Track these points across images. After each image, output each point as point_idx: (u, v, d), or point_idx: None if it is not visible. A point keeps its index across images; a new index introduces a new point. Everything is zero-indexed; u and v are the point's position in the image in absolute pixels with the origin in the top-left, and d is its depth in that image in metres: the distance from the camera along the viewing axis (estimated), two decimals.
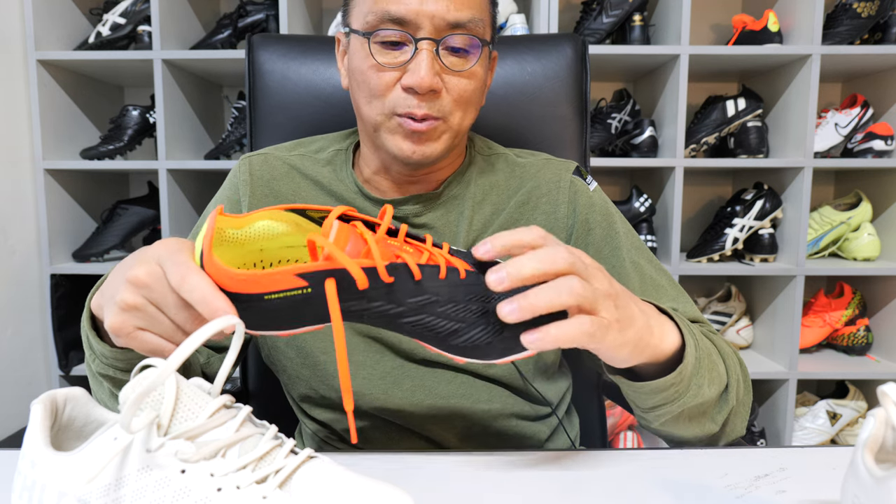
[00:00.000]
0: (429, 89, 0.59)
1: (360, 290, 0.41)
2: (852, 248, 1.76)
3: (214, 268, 0.41)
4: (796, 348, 1.64)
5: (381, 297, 0.42)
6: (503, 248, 0.44)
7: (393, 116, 0.62)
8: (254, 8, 1.70)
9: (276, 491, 0.36)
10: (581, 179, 0.72)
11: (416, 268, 0.43)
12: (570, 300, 0.43)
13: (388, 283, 0.42)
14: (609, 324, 0.45)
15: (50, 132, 1.64)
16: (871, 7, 1.60)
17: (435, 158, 0.64)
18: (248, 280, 0.41)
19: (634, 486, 0.47)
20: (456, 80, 0.62)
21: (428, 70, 0.59)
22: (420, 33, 0.60)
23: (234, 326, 0.39)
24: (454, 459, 0.52)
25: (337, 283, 0.41)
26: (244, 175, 0.72)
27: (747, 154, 1.66)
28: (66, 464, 0.35)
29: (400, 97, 0.61)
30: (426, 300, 0.43)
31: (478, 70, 0.63)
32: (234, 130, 1.73)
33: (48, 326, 1.67)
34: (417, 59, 0.59)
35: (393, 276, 0.42)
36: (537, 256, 0.43)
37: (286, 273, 0.41)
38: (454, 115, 0.63)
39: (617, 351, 0.47)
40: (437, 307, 0.43)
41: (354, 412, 0.70)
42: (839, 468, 0.50)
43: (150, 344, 0.43)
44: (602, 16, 1.63)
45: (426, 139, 0.62)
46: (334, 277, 0.41)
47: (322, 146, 0.75)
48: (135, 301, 0.42)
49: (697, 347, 0.54)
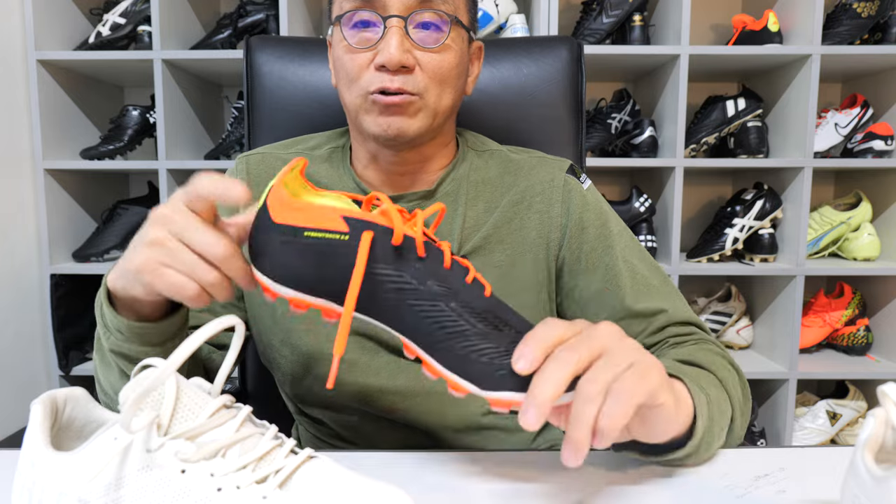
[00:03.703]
0: (399, 65, 0.60)
1: (395, 245, 0.42)
2: (852, 248, 1.76)
3: (275, 192, 0.44)
4: (796, 348, 1.64)
5: (407, 268, 0.43)
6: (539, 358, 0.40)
7: (368, 96, 0.63)
8: (254, 8, 1.70)
9: (276, 491, 0.36)
10: (575, 178, 0.72)
11: (448, 257, 0.43)
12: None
13: (420, 256, 0.43)
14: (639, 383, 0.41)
15: (50, 132, 1.64)
16: (871, 7, 1.60)
17: (412, 136, 0.64)
18: (299, 207, 0.43)
19: (634, 486, 0.47)
20: (428, 56, 0.63)
21: (397, 46, 0.60)
22: (389, 11, 0.61)
23: (235, 325, 0.39)
24: (454, 459, 0.52)
25: (373, 241, 0.42)
26: (241, 174, 0.73)
27: (747, 154, 1.66)
28: (66, 464, 0.35)
29: (374, 76, 0.62)
30: (447, 291, 0.43)
31: (451, 47, 0.64)
32: (234, 130, 1.73)
33: (48, 326, 1.67)
34: (387, 36, 0.61)
35: (426, 253, 0.43)
36: (561, 363, 0.39)
37: (334, 211, 0.43)
38: (430, 91, 0.64)
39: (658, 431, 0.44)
40: (453, 301, 0.42)
41: (346, 408, 0.70)
42: (839, 468, 0.50)
43: (173, 280, 0.45)
44: (602, 16, 1.63)
45: (400, 112, 0.63)
46: (373, 231, 0.42)
47: (319, 143, 0.76)
48: (158, 235, 0.45)
49: (709, 404, 0.51)
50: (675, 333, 0.65)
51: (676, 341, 0.64)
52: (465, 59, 0.68)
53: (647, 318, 0.66)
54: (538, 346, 0.40)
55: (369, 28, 0.62)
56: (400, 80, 0.61)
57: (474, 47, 0.71)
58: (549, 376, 0.38)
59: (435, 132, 0.67)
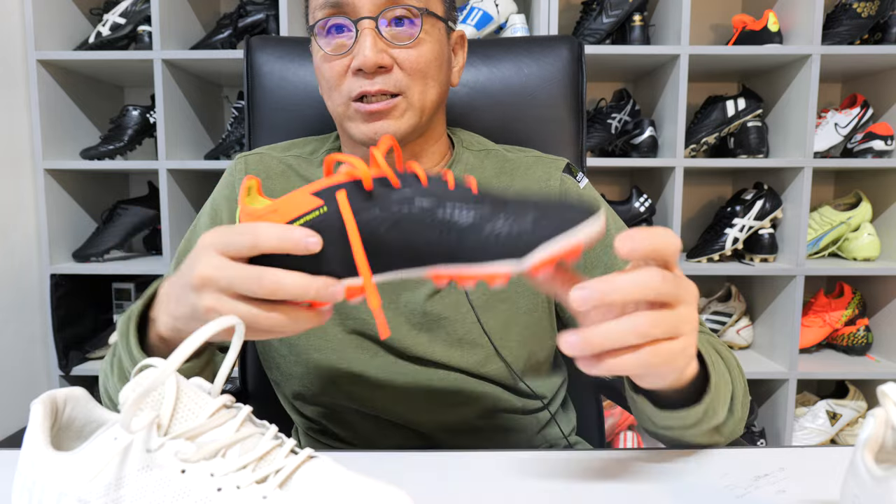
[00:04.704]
0: (375, 66, 0.60)
1: (370, 190, 0.41)
2: (852, 248, 1.76)
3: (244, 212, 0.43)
4: (796, 348, 1.64)
5: (391, 203, 0.42)
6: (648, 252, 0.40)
7: (350, 103, 0.63)
8: (254, 8, 1.70)
9: (276, 491, 0.36)
10: (571, 177, 0.73)
11: (423, 175, 0.43)
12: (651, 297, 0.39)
13: (397, 188, 0.42)
14: (690, 341, 0.42)
15: (50, 132, 1.64)
16: (871, 7, 1.60)
17: (401, 137, 0.64)
18: (269, 210, 0.42)
19: (634, 486, 0.47)
20: (405, 53, 0.62)
21: (371, 47, 0.60)
22: (359, 14, 0.61)
23: (235, 326, 0.39)
24: (454, 459, 0.52)
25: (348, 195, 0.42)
26: (240, 173, 0.73)
27: (747, 154, 1.66)
28: (66, 464, 0.35)
29: (353, 82, 0.62)
30: (436, 201, 0.42)
31: (426, 40, 0.63)
32: (234, 130, 1.73)
33: (48, 326, 1.67)
34: (360, 39, 0.61)
35: (402, 182, 0.42)
36: (637, 282, 0.39)
37: (302, 193, 0.42)
38: (412, 89, 0.63)
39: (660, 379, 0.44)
40: (446, 205, 0.42)
41: (343, 408, 0.70)
42: (839, 468, 0.50)
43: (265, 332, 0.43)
44: (602, 16, 1.63)
45: (384, 117, 0.63)
46: (344, 189, 0.42)
47: (316, 148, 0.76)
48: (224, 308, 0.42)
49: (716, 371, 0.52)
50: None
51: None
52: (444, 50, 0.67)
53: None
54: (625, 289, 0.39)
55: (343, 33, 0.62)
56: (380, 81, 0.61)
57: (455, 36, 0.71)
58: (612, 335, 0.38)
59: (424, 128, 0.67)
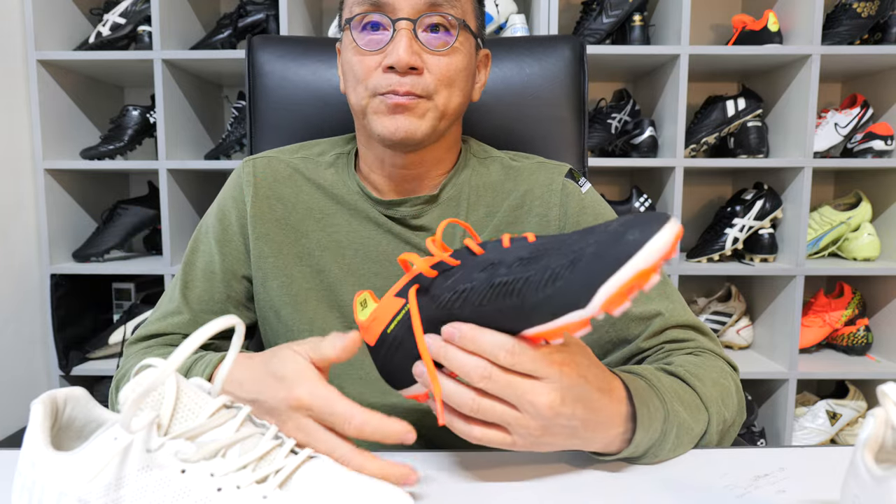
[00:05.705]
0: (407, 66, 0.61)
1: (433, 277, 0.45)
2: (852, 248, 1.76)
3: (358, 323, 0.49)
4: (796, 348, 1.64)
5: (453, 282, 0.44)
6: None
7: (376, 96, 0.64)
8: (254, 8, 1.70)
9: (276, 491, 0.36)
10: (573, 182, 0.73)
11: (475, 247, 0.45)
12: None
13: (454, 266, 0.44)
14: (524, 445, 0.46)
15: (50, 132, 1.64)
16: (871, 7, 1.60)
17: (420, 138, 0.64)
18: (371, 319, 0.47)
19: (634, 486, 0.47)
20: (436, 59, 0.63)
21: (406, 48, 0.61)
22: (398, 14, 0.62)
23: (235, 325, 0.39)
24: (454, 459, 0.52)
25: (419, 288, 0.45)
26: (248, 176, 0.73)
27: (747, 154, 1.66)
28: (66, 464, 0.35)
29: (382, 78, 0.63)
30: (492, 266, 0.43)
31: (459, 50, 0.65)
32: (234, 130, 1.73)
33: (48, 326, 1.67)
34: (396, 38, 0.62)
35: (458, 259, 0.45)
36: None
37: (388, 298, 0.47)
38: (439, 94, 0.64)
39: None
40: (503, 268, 0.42)
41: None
42: (839, 468, 0.50)
43: None
44: (602, 16, 1.63)
45: (408, 112, 0.63)
46: (418, 283, 0.45)
47: (324, 149, 0.76)
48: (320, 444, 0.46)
49: (666, 419, 0.51)
50: (673, 338, 0.65)
51: (672, 348, 0.64)
52: (472, 63, 0.68)
53: (644, 321, 0.66)
54: None
55: (379, 31, 0.63)
56: (409, 81, 0.62)
57: (481, 55, 0.72)
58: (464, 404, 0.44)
59: (441, 134, 0.68)
